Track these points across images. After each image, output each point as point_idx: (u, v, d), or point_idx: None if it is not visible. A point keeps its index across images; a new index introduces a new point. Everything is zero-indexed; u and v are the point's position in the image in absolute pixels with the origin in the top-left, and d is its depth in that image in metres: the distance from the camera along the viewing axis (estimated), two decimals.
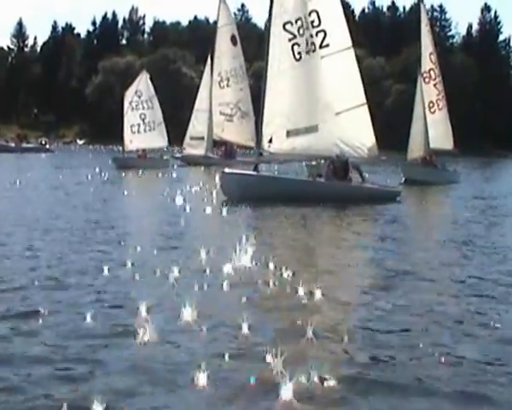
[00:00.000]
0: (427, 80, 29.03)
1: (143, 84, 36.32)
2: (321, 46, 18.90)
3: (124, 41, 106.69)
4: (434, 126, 28.56)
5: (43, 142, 64.71)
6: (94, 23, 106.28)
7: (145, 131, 35.77)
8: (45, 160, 45.26)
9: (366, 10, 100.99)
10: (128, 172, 30.61)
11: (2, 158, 42.47)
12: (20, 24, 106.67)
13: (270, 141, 18.73)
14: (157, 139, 35.83)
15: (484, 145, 70.48)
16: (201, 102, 36.83)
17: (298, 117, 18.84)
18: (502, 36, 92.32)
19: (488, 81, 78.48)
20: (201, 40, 76.09)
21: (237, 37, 36.99)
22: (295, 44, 18.90)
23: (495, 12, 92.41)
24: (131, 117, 35.75)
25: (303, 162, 24.89)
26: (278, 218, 14.54)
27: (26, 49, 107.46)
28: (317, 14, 18.87)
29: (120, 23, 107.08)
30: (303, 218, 14.70)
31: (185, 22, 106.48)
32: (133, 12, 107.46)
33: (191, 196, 18.62)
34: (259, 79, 19.57)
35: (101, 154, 54.31)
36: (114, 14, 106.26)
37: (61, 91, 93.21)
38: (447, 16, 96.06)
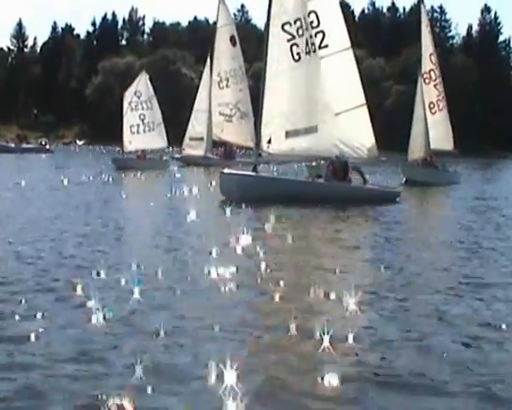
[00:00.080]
0: (427, 81, 28.96)
1: (143, 84, 36.24)
2: (320, 47, 18.85)
3: (123, 42, 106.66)
4: (435, 127, 28.49)
5: (43, 142, 64.62)
6: (94, 24, 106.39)
7: (144, 131, 35.67)
8: (45, 160, 45.14)
9: (366, 11, 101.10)
10: (127, 172, 30.51)
11: (2, 158, 42.35)
12: (20, 24, 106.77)
13: (268, 142, 18.67)
14: (156, 140, 35.73)
15: (484, 146, 70.39)
16: (201, 103, 36.75)
17: (297, 118, 18.77)
18: (502, 37, 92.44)
19: (488, 82, 78.40)
20: (201, 41, 75.98)
21: (236, 37, 36.91)
22: (294, 45, 18.83)
23: (495, 13, 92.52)
24: (131, 117, 35.65)
25: (303, 163, 24.82)
26: (277, 219, 14.44)
27: (26, 49, 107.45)
28: (316, 14, 18.83)
29: (120, 24, 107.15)
30: (302, 219, 14.61)
31: (185, 23, 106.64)
32: (133, 13, 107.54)
33: (190, 197, 18.54)
34: (259, 80, 19.49)
35: (100, 154, 54.23)
36: (114, 14, 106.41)
37: (61, 92, 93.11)
38: (447, 17, 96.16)
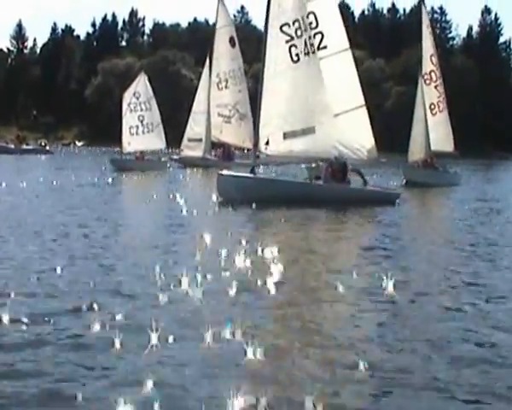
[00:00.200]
0: (427, 82, 28.85)
1: (142, 85, 36.18)
2: (318, 48, 18.79)
3: (123, 43, 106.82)
4: (435, 128, 28.39)
5: (42, 143, 64.59)
6: (93, 25, 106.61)
7: (143, 132, 35.61)
8: (45, 161, 45.17)
9: (366, 12, 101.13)
10: (126, 174, 30.46)
11: (1, 159, 42.48)
12: (20, 25, 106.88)
13: (266, 143, 18.58)
14: (155, 141, 35.67)
15: (484, 147, 70.32)
16: (199, 104, 36.65)
17: (295, 119, 18.68)
18: (502, 38, 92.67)
19: (488, 83, 78.42)
20: (201, 42, 76.00)
21: (236, 38, 36.82)
22: (293, 46, 18.76)
23: (495, 14, 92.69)
24: (130, 119, 35.60)
25: (302, 164, 24.72)
26: (276, 220, 14.35)
27: (26, 50, 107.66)
28: (315, 15, 18.79)
29: (120, 25, 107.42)
30: (301, 220, 14.50)
31: (185, 24, 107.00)
32: (133, 14, 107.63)
33: (188, 199, 18.42)
34: (258, 81, 19.39)
35: (100, 155, 54.24)
36: (114, 15, 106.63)
37: (61, 93, 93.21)
38: (447, 18, 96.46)
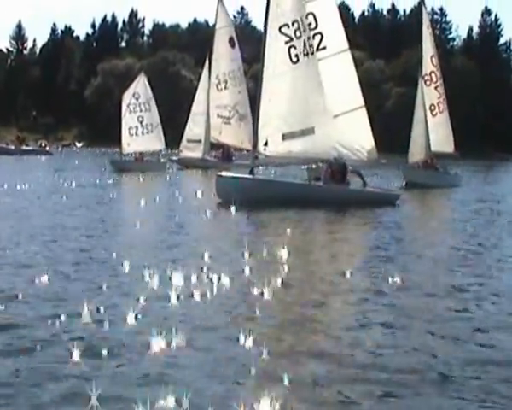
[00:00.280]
0: (428, 83, 28.78)
1: (141, 86, 36.14)
2: (318, 49, 18.78)
3: (123, 44, 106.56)
4: (435, 129, 28.31)
5: (42, 144, 64.52)
6: (93, 26, 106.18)
7: (143, 133, 35.57)
8: (45, 162, 45.20)
9: (366, 13, 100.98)
10: (125, 175, 30.38)
11: (1, 160, 42.58)
12: (20, 26, 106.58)
13: (265, 144, 18.53)
14: (154, 142, 35.62)
15: (485, 148, 70.15)
16: (198, 105, 36.59)
17: (294, 120, 18.63)
18: (502, 39, 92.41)
19: (489, 84, 78.29)
20: (201, 43, 75.82)
21: (235, 39, 36.73)
22: (292, 47, 18.74)
23: (495, 15, 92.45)
24: (129, 119, 35.55)
25: (303, 166, 24.62)
26: (274, 222, 14.27)
27: (26, 51, 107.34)
28: (314, 16, 18.79)
29: (120, 26, 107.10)
30: (299, 222, 14.41)
31: (185, 25, 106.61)
32: (132, 14, 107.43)
33: (187, 200, 18.34)
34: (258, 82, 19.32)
35: (99, 156, 54.23)
36: (114, 16, 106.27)
37: (60, 94, 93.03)
38: (448, 19, 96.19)
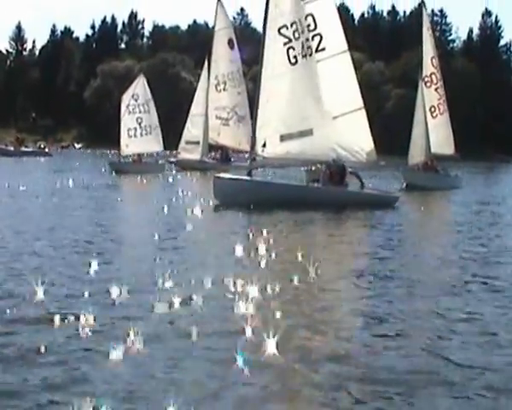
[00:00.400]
0: (428, 84, 28.67)
1: (140, 87, 36.08)
2: (317, 50, 18.72)
3: (123, 45, 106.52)
4: (435, 131, 28.21)
5: (41, 146, 64.45)
6: (93, 27, 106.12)
7: (141, 135, 35.49)
8: (44, 164, 45.20)
9: (365, 15, 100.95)
10: (123, 176, 30.27)
11: (1, 162, 42.57)
12: (19, 27, 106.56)
13: (263, 145, 18.45)
14: (153, 144, 35.55)
15: (485, 150, 70.02)
16: (197, 106, 36.47)
17: (292, 121, 18.56)
18: (503, 40, 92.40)
19: (489, 86, 78.23)
20: (200, 44, 75.72)
21: (234, 40, 36.62)
22: (290, 48, 18.69)
23: (496, 17, 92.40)
24: (128, 121, 35.49)
25: (302, 167, 24.50)
26: (273, 224, 14.18)
27: (25, 52, 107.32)
28: (313, 17, 18.73)
29: (119, 27, 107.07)
30: (298, 224, 14.33)
31: (184, 26, 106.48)
32: (132, 16, 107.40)
33: (185, 202, 18.22)
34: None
35: (98, 158, 54.21)
36: (113, 18, 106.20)
37: (60, 95, 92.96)
38: (448, 21, 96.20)
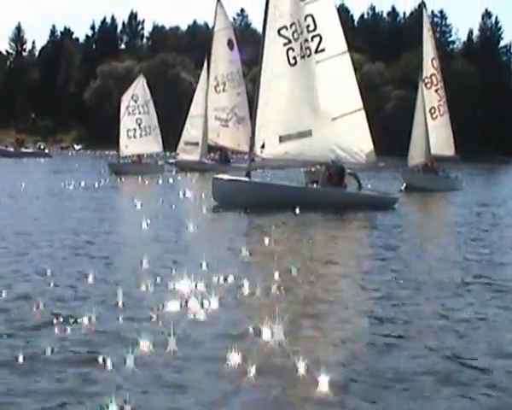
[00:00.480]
0: (428, 86, 28.60)
1: (140, 88, 36.03)
2: (316, 51, 18.64)
3: (123, 46, 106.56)
4: (436, 132, 28.14)
5: (41, 146, 64.41)
6: (93, 27, 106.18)
7: (141, 136, 35.45)
8: (44, 165, 45.14)
9: (365, 16, 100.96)
10: (123, 177, 30.18)
11: (1, 163, 42.60)
12: (19, 28, 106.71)
13: (262, 146, 18.39)
14: (152, 144, 35.49)
15: (485, 151, 70.05)
16: (196, 107, 36.39)
17: (291, 122, 18.49)
18: (503, 42, 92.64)
19: (489, 87, 78.24)
20: (200, 45, 75.64)
21: (234, 41, 36.53)
22: (290, 49, 18.63)
23: (496, 18, 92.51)
24: (128, 122, 35.44)
25: (301, 169, 24.43)
26: (271, 225, 14.07)
27: (25, 53, 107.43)
28: (313, 18, 18.65)
29: (119, 28, 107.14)
30: (298, 225, 14.31)
31: (184, 27, 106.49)
32: (132, 16, 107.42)
33: (184, 203, 18.16)
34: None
35: (98, 159, 54.20)
36: (113, 18, 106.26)
37: (60, 96, 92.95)
38: (448, 22, 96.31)
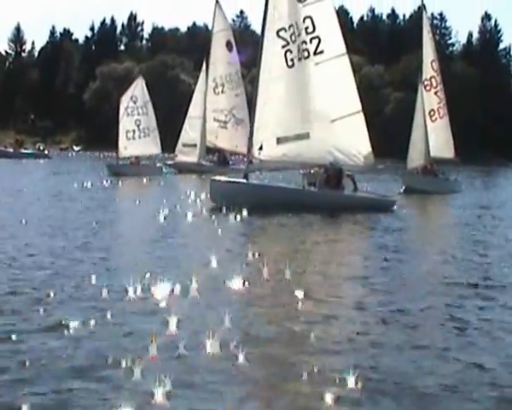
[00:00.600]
0: (428, 88, 28.56)
1: (139, 89, 36.01)
2: (315, 53, 18.60)
3: (122, 47, 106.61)
4: (435, 135, 28.08)
5: (40, 147, 64.33)
6: (92, 28, 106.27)
7: (140, 137, 35.43)
8: (44, 166, 45.16)
9: (365, 17, 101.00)
10: (121, 179, 30.12)
11: (0, 163, 42.59)
12: (18, 29, 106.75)
13: (260, 148, 18.35)
14: (150, 146, 35.46)
15: (485, 154, 70.02)
16: (195, 109, 36.31)
17: (289, 124, 18.47)
18: (502, 44, 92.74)
19: (489, 89, 78.20)
20: (200, 47, 75.45)
21: (233, 42, 36.42)
22: (288, 51, 18.62)
23: (495, 20, 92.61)
24: (127, 123, 35.42)
25: (299, 171, 24.33)
26: (269, 227, 14.10)
27: (24, 54, 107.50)
28: (312, 20, 18.61)
29: (119, 29, 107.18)
30: (297, 227, 14.26)
31: (184, 29, 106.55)
32: (132, 18, 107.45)
33: (182, 205, 18.05)
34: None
35: (97, 160, 54.13)
36: (113, 19, 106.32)
37: (59, 97, 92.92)
38: (447, 24, 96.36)
